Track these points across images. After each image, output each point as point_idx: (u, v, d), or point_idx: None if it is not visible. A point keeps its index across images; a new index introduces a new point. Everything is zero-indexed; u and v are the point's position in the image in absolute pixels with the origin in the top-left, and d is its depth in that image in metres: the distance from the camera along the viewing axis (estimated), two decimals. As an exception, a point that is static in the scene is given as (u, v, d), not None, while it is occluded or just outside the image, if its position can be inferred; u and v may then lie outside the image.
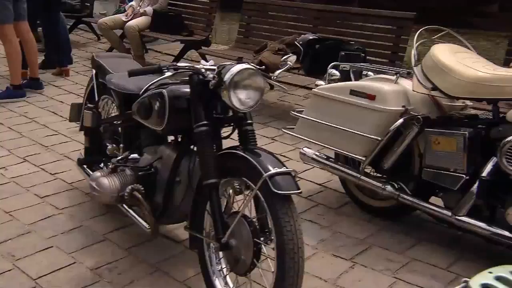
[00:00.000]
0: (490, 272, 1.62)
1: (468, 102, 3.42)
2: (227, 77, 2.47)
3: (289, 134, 4.06)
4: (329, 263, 3.25)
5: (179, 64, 2.76)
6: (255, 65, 2.70)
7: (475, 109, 3.48)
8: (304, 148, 4.00)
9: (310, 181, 4.28)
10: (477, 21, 7.33)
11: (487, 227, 3.06)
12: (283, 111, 5.84)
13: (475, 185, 3.11)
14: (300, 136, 3.88)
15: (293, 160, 4.32)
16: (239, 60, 2.69)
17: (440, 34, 3.59)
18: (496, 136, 3.05)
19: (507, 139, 2.94)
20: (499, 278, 1.61)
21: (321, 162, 3.89)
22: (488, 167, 3.07)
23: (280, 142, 4.87)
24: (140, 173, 3.06)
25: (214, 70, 2.63)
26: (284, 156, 4.61)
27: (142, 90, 3.02)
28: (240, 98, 2.54)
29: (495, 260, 2.98)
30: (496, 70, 3.19)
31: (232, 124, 2.78)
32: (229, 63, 2.65)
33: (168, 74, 2.70)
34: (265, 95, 5.98)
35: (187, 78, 2.71)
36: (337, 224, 3.68)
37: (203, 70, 2.64)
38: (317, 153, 3.92)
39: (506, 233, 2.97)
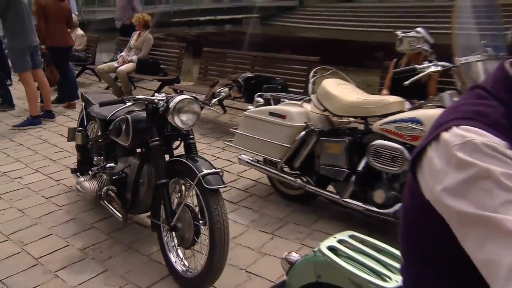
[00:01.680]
0: (335, 237, 1.70)
1: (351, 119, 3.49)
2: (171, 105, 2.62)
3: (229, 145, 4.12)
4: (256, 236, 3.33)
5: (137, 96, 2.86)
6: (193, 96, 2.78)
7: (356, 123, 3.54)
8: (241, 155, 4.05)
9: (247, 178, 4.34)
10: (369, 62, 7.49)
11: (362, 205, 3.17)
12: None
13: (354, 176, 3.22)
14: (237, 146, 3.95)
15: (236, 164, 4.35)
16: (181, 92, 2.77)
17: (329, 72, 3.70)
18: (366, 141, 3.18)
19: (372, 144, 3.06)
20: (340, 241, 1.69)
21: (253, 165, 3.95)
22: (362, 163, 3.20)
23: (228, 151, 4.92)
24: (113, 177, 3.13)
25: (164, 100, 2.72)
26: (230, 161, 4.69)
27: (109, 116, 3.11)
28: (182, 120, 2.65)
29: (367, 227, 3.12)
30: (365, 97, 3.33)
31: (179, 138, 2.86)
32: (174, 94, 2.76)
33: (128, 104, 2.82)
34: (218, 116, 6.13)
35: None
36: (264, 208, 3.76)
37: (156, 100, 2.73)
38: (250, 158, 3.99)
39: (374, 209, 3.09)
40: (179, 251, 2.83)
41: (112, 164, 3.24)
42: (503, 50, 2.72)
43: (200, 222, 2.59)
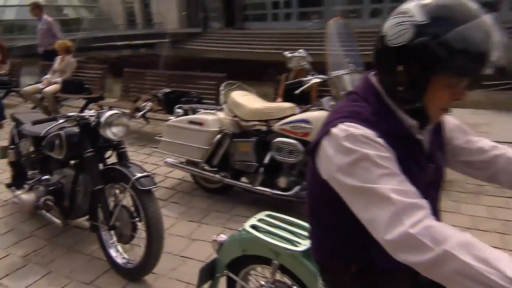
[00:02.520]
0: (255, 217, 1.76)
1: (256, 122, 3.56)
2: (102, 119, 2.54)
3: (155, 151, 4.03)
4: (185, 226, 3.29)
5: (69, 113, 2.71)
6: (120, 110, 2.71)
7: (260, 126, 3.62)
8: (166, 159, 3.97)
9: (173, 178, 4.27)
10: (264, 77, 7.65)
11: (270, 190, 3.28)
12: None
13: (262, 168, 3.31)
14: (163, 152, 3.88)
15: (162, 167, 4.27)
16: (110, 108, 2.67)
17: (235, 86, 3.77)
18: (269, 140, 3.28)
19: (274, 141, 3.17)
20: (260, 220, 1.74)
21: (178, 166, 3.91)
22: (267, 157, 3.30)
23: (154, 156, 4.79)
24: (50, 188, 2.91)
25: (94, 115, 2.62)
26: (156, 164, 4.57)
27: (43, 133, 2.91)
28: (113, 132, 2.56)
29: (276, 208, 3.19)
30: (266, 104, 3.45)
31: (111, 149, 2.74)
32: (104, 110, 2.65)
33: (61, 121, 2.70)
34: (142, 127, 5.95)
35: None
36: (190, 202, 3.73)
37: (87, 116, 2.62)
38: (175, 161, 3.93)
39: (279, 192, 3.22)
40: (118, 246, 2.72)
41: (48, 176, 2.99)
42: (361, 66, 3.02)
43: (136, 219, 2.53)
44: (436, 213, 1.18)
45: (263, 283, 1.73)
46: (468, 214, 3.23)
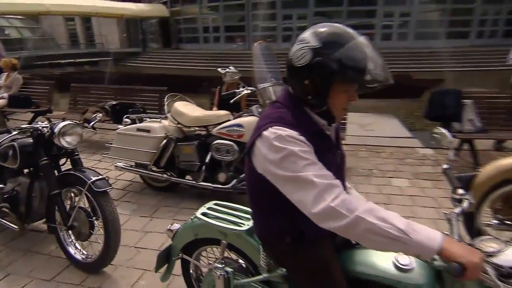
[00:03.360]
0: (205, 206, 1.75)
1: (196, 128, 3.52)
2: (56, 130, 2.37)
3: (106, 156, 3.80)
4: (138, 221, 3.15)
5: (22, 126, 2.51)
6: (74, 121, 2.54)
7: (200, 131, 3.57)
8: (117, 163, 3.77)
9: (123, 180, 4.07)
10: (199, 90, 7.57)
11: (212, 185, 3.27)
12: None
13: (203, 167, 3.29)
14: (114, 157, 3.68)
15: (113, 171, 4.04)
16: (63, 119, 2.48)
17: (177, 97, 3.70)
18: (209, 142, 3.28)
19: (213, 143, 3.19)
20: (209, 208, 1.74)
21: (128, 169, 3.74)
22: (208, 157, 3.29)
23: (104, 162, 4.52)
24: (5, 196, 2.62)
25: (47, 126, 2.45)
26: (107, 169, 4.30)
27: None
28: (67, 141, 2.37)
29: (217, 199, 3.19)
30: (205, 112, 3.44)
31: (66, 156, 2.55)
32: (57, 121, 2.46)
33: (14, 133, 2.51)
34: (91, 136, 5.56)
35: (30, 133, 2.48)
36: (141, 200, 3.58)
37: (40, 127, 2.42)
38: (125, 164, 3.74)
39: (220, 186, 3.22)
40: (76, 244, 2.54)
41: (1, 186, 2.69)
42: (281, 80, 3.15)
43: (93, 218, 2.38)
44: (345, 187, 1.30)
45: (212, 262, 1.74)
46: (363, 192, 3.47)
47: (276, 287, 1.48)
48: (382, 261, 1.22)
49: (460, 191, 1.31)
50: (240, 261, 1.66)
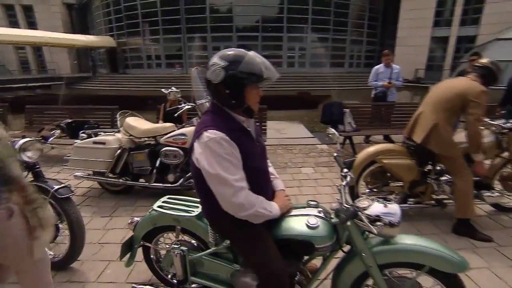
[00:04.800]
0: (160, 200, 1.70)
1: (146, 138, 3.33)
2: (17, 146, 2.06)
3: (65, 168, 3.37)
4: (99, 221, 2.86)
5: None
6: (34, 138, 2.23)
7: (149, 141, 3.37)
8: (76, 173, 3.36)
9: (83, 187, 3.63)
10: (145, 107, 7.07)
11: (162, 185, 3.11)
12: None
13: (154, 170, 3.14)
14: (72, 168, 3.27)
15: (72, 180, 3.57)
16: (23, 136, 2.16)
17: (128, 113, 3.47)
18: (158, 149, 3.13)
19: (162, 150, 3.06)
20: (163, 202, 1.69)
21: (86, 178, 3.35)
22: (158, 162, 3.14)
23: (63, 173, 4.00)
24: None
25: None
26: (66, 179, 3.78)
27: None
28: (28, 156, 2.07)
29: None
30: (153, 125, 3.27)
31: (28, 170, 2.21)
32: (17, 139, 2.12)
33: None
34: (48, 151, 4.88)
35: None
36: (100, 203, 3.24)
37: None
38: (83, 174, 3.36)
39: (169, 185, 3.08)
40: (43, 246, 2.22)
41: None
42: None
43: (58, 222, 2.11)
44: (267, 172, 1.40)
45: (170, 245, 1.69)
46: (281, 180, 3.67)
47: (223, 257, 1.51)
48: (298, 224, 1.33)
49: (345, 170, 1.49)
50: (193, 241, 1.65)
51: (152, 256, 1.85)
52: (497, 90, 4.54)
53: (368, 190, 2.70)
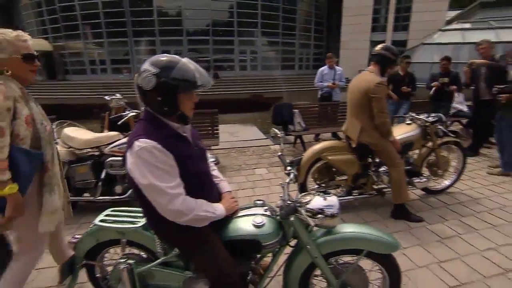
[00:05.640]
0: (102, 214, 1.60)
1: (89, 149, 3.08)
2: None
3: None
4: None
5: None
6: None
7: (93, 152, 3.12)
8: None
9: None
10: (89, 115, 6.58)
11: (110, 198, 2.93)
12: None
13: (100, 183, 2.93)
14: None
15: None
16: None
17: (67, 124, 3.18)
18: (103, 160, 2.94)
19: (107, 160, 2.88)
20: (106, 215, 1.59)
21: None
22: (103, 173, 2.94)
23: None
24: None
25: None
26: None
27: None
28: None
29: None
30: (95, 135, 3.05)
31: None
32: None
33: None
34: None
35: None
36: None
37: None
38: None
39: (118, 197, 2.91)
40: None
41: None
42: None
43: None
44: (209, 175, 1.39)
45: (115, 260, 1.59)
46: (235, 182, 3.66)
47: (174, 265, 1.47)
48: (245, 224, 1.36)
49: (289, 168, 1.56)
50: (141, 253, 1.58)
51: (98, 275, 1.72)
52: (425, 89, 5.19)
53: (317, 187, 2.85)
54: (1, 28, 1.43)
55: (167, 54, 1.21)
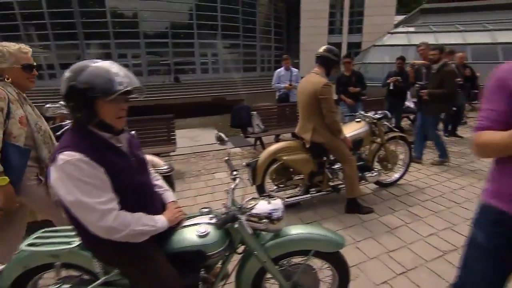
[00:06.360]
0: (31, 237, 1.43)
1: None
2: None
3: None
4: None
5: None
6: None
7: None
8: None
9: None
10: None
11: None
12: None
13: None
14: None
15: None
16: None
17: None
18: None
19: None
20: (36, 237, 1.43)
21: None
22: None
23: None
24: None
25: None
26: None
27: None
28: None
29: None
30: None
31: None
32: None
33: None
34: None
35: None
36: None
37: None
38: None
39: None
40: None
41: None
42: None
43: None
44: (149, 186, 1.32)
45: (51, 286, 1.44)
46: (194, 188, 3.55)
47: (117, 284, 1.36)
48: (188, 235, 1.30)
49: (234, 173, 1.53)
50: (81, 275, 1.43)
51: (31, 305, 1.54)
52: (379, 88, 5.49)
53: (275, 188, 2.86)
54: (6, 42, 1.69)
55: (90, 60, 1.12)
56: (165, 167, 2.67)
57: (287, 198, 2.86)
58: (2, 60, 1.65)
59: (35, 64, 1.74)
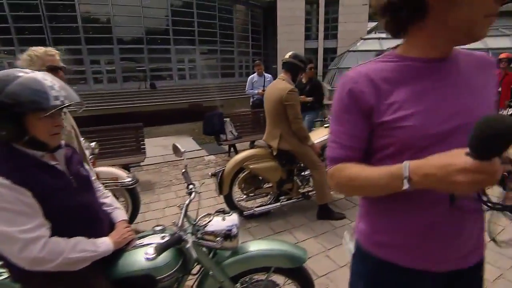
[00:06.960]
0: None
1: None
2: None
3: None
4: None
5: None
6: None
7: None
8: None
9: None
10: None
11: None
12: None
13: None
14: None
15: None
16: None
17: None
18: None
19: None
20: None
21: None
22: None
23: None
24: None
25: None
26: None
27: None
28: None
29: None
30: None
31: None
32: None
33: None
34: None
35: None
36: None
37: None
38: None
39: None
40: None
41: None
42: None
43: None
44: (93, 206, 1.18)
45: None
46: (164, 199, 3.44)
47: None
48: (136, 258, 1.20)
49: (190, 186, 1.44)
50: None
51: None
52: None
53: (245, 197, 2.79)
54: (35, 47, 1.74)
55: (16, 70, 0.99)
56: (128, 179, 2.53)
57: (257, 207, 2.80)
58: (31, 63, 1.72)
59: (61, 65, 1.77)
